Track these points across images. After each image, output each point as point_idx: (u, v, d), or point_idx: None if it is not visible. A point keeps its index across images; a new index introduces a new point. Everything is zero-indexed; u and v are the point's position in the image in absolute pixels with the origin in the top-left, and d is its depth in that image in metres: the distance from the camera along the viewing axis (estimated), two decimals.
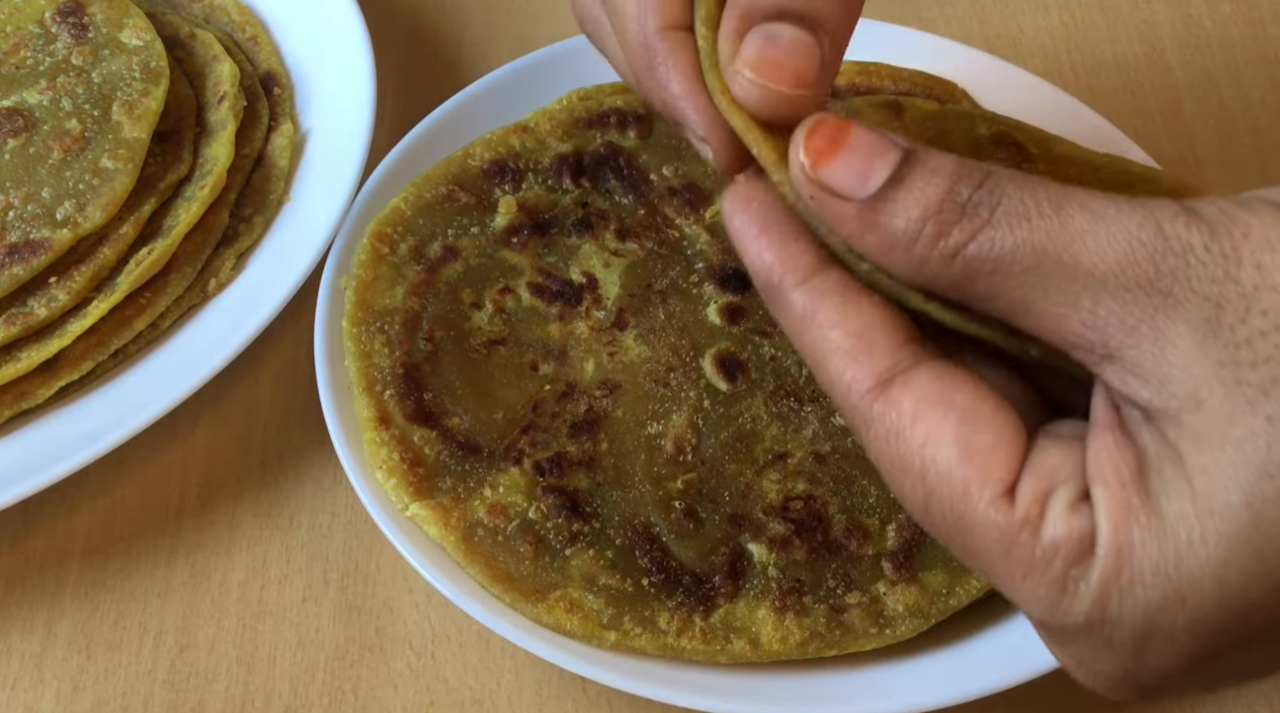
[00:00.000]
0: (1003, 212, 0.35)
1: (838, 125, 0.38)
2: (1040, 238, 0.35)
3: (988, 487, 0.35)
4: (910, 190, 0.36)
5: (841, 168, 0.37)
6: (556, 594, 0.52)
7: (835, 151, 0.38)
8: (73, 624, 0.57)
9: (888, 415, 0.37)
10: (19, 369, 0.58)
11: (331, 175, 0.64)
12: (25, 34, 0.67)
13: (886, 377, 0.37)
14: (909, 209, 0.36)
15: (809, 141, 0.38)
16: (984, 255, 0.35)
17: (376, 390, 0.57)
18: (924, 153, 0.37)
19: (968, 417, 0.36)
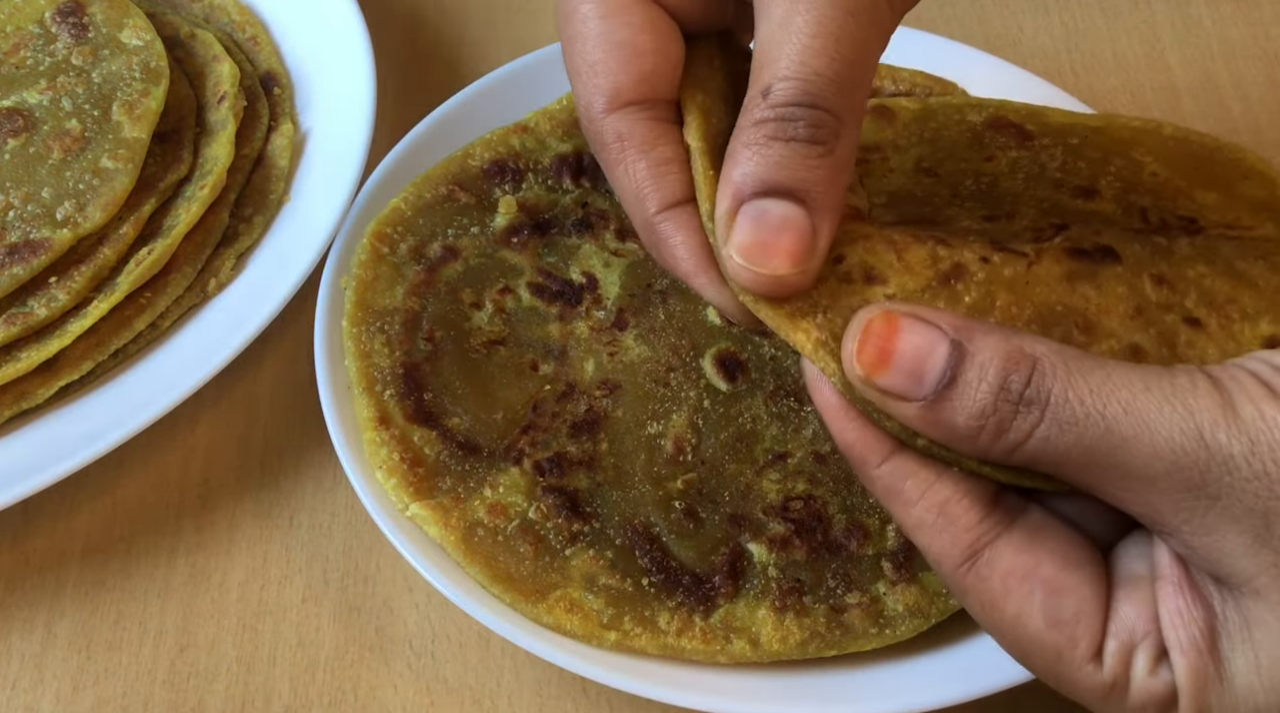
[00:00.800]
0: (1051, 413, 0.39)
1: (884, 330, 0.41)
2: (1090, 442, 0.38)
3: (1076, 652, 0.39)
4: (965, 390, 0.40)
5: (896, 375, 0.40)
6: (556, 594, 0.52)
7: (887, 360, 0.40)
8: (73, 624, 0.57)
9: (979, 589, 0.41)
10: (19, 369, 0.58)
11: (331, 175, 0.64)
12: (25, 34, 0.67)
13: (971, 552, 0.41)
14: (966, 410, 0.40)
15: (860, 354, 0.41)
16: (1040, 452, 0.39)
17: (376, 390, 0.57)
18: (971, 343, 0.40)
19: (1051, 588, 0.40)
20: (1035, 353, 0.39)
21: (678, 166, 0.44)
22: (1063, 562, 0.41)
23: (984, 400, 0.39)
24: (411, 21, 0.79)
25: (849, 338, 0.41)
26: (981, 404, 0.39)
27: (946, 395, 0.40)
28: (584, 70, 0.44)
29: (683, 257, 0.43)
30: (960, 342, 0.40)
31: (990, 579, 0.41)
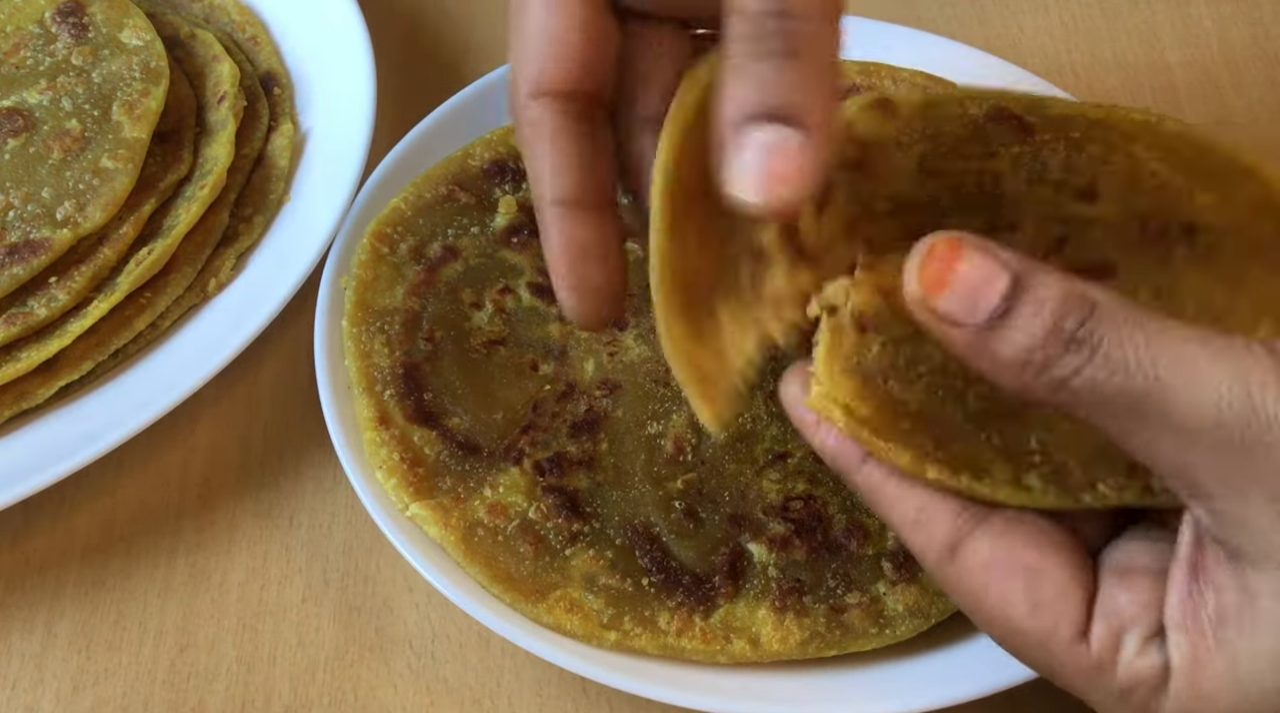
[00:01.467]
0: (1103, 355, 0.39)
1: (947, 253, 0.41)
2: (1138, 386, 0.38)
3: (1059, 633, 0.40)
4: (1019, 320, 0.40)
5: (952, 299, 0.40)
6: (556, 594, 0.52)
7: (947, 280, 0.41)
8: (73, 624, 0.57)
9: (963, 581, 0.42)
10: (19, 369, 0.58)
11: (331, 175, 0.64)
12: (25, 34, 0.67)
13: (952, 544, 0.42)
14: (1018, 340, 0.39)
15: (923, 271, 0.41)
16: (1085, 391, 0.39)
17: (376, 390, 0.57)
18: (1031, 278, 0.40)
19: (1031, 573, 0.41)
20: (1095, 298, 0.39)
21: (577, 163, 0.45)
22: (1041, 547, 0.41)
23: (1035, 335, 0.39)
24: (412, 22, 0.79)
25: (915, 253, 0.41)
26: (1032, 338, 0.39)
27: (999, 324, 0.40)
28: (516, 57, 0.45)
29: (552, 251, 0.45)
30: (1021, 276, 0.40)
31: (973, 570, 0.41)
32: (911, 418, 0.44)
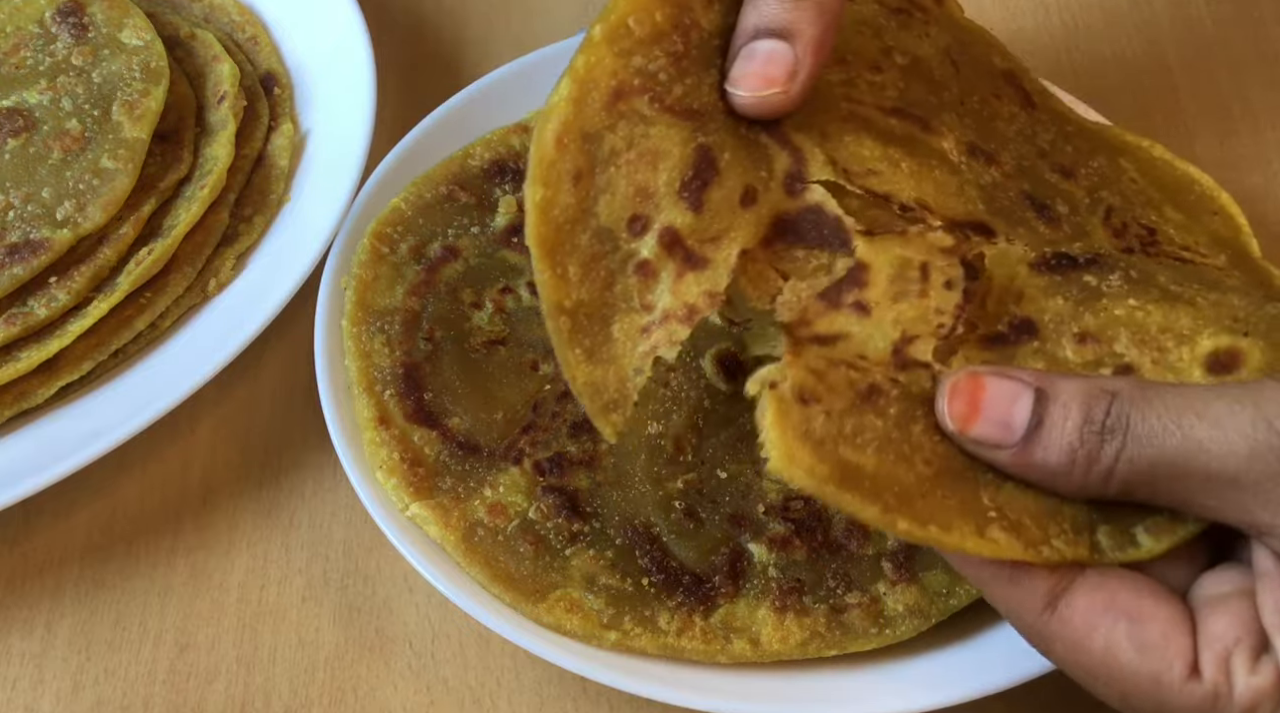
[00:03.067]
0: (1134, 434, 0.42)
1: (970, 386, 0.45)
2: (1173, 450, 0.41)
3: (1173, 672, 0.41)
4: (1051, 430, 0.43)
5: (986, 426, 0.44)
6: (556, 594, 0.52)
7: (976, 412, 0.44)
8: (73, 624, 0.57)
9: (1064, 632, 0.43)
10: (19, 369, 0.58)
11: (331, 175, 0.64)
12: (25, 34, 0.67)
13: (1050, 598, 0.43)
14: (1056, 447, 0.43)
15: (951, 407, 0.45)
16: (1130, 475, 0.42)
17: (376, 390, 0.57)
18: (1052, 388, 0.44)
19: (1134, 617, 0.42)
20: (1113, 388, 0.43)
21: None
22: (1139, 594, 0.43)
23: (1071, 436, 0.43)
24: (411, 21, 0.79)
25: (939, 398, 0.45)
26: (1070, 439, 0.43)
27: (1035, 438, 0.43)
28: None
29: None
30: (1042, 388, 0.44)
31: (1072, 620, 0.43)
32: (869, 479, 0.45)
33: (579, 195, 0.49)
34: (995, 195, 0.52)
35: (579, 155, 0.49)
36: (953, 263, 0.49)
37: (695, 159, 0.49)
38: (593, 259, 0.49)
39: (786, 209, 0.49)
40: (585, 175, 0.49)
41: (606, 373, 0.48)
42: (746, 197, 0.49)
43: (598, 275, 0.49)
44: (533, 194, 0.49)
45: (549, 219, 0.48)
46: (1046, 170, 0.55)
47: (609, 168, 0.49)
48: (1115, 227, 0.55)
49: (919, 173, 0.51)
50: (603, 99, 0.50)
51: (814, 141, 0.50)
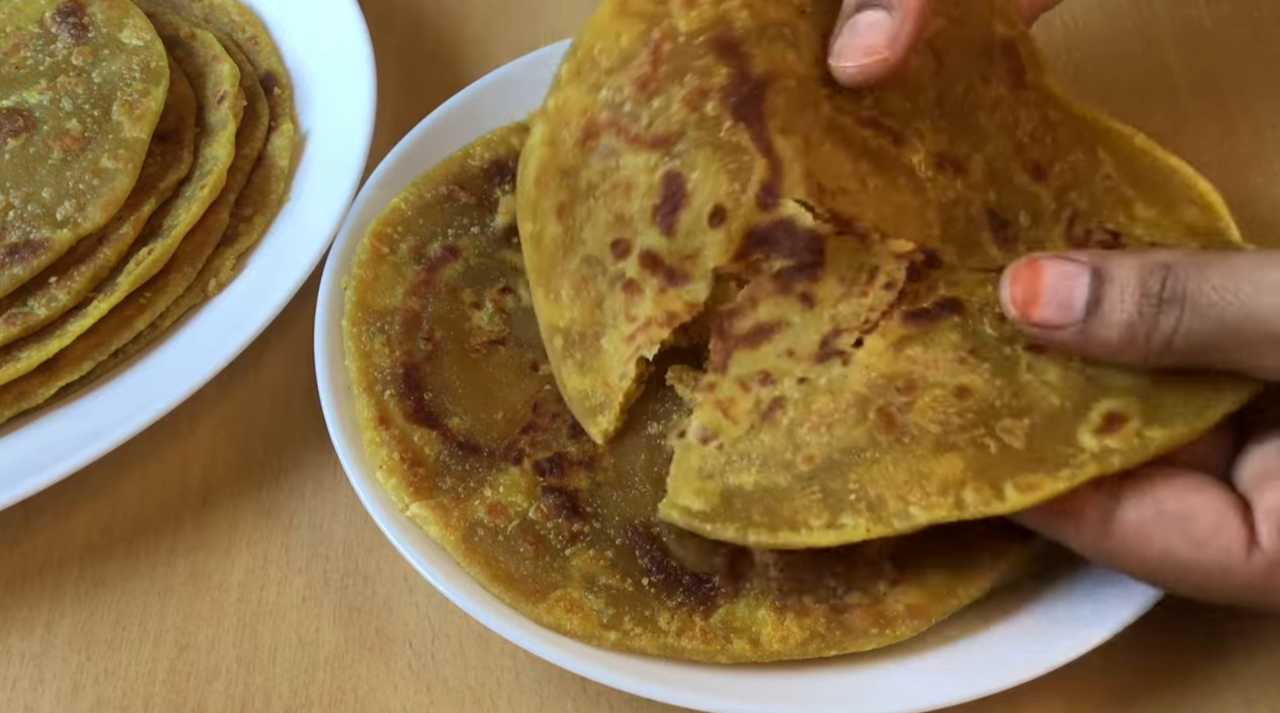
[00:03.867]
0: (1192, 304, 0.44)
1: (1029, 273, 0.47)
2: (1231, 323, 0.44)
3: (1233, 554, 0.44)
4: (1110, 307, 0.45)
5: (1047, 309, 0.46)
6: (556, 594, 0.52)
7: (1036, 295, 0.47)
8: (73, 624, 0.57)
9: (1123, 549, 0.46)
10: (19, 369, 0.58)
11: (331, 175, 0.64)
12: (25, 34, 0.67)
13: (1103, 519, 0.46)
14: (1116, 323, 0.45)
15: (1014, 296, 0.47)
16: (1192, 342, 0.44)
17: (376, 390, 0.57)
18: (1107, 267, 0.46)
19: (1183, 516, 0.45)
20: (1168, 260, 0.45)
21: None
22: (1182, 493, 0.45)
23: (1129, 311, 0.45)
24: (411, 21, 0.79)
25: (1003, 287, 0.48)
26: (1128, 315, 0.45)
27: (1095, 316, 0.46)
28: None
29: None
30: (1098, 267, 0.46)
31: (1127, 536, 0.46)
32: (744, 497, 0.50)
33: (565, 226, 0.54)
34: (955, 215, 0.54)
35: (560, 190, 0.55)
36: (899, 267, 0.52)
37: (663, 186, 0.53)
38: (583, 282, 0.54)
39: (758, 222, 0.52)
40: (567, 208, 0.54)
41: (595, 381, 0.53)
42: (715, 216, 0.52)
43: (588, 296, 0.54)
44: (523, 229, 0.55)
45: (541, 249, 0.55)
46: (1018, 171, 0.56)
47: (588, 199, 0.54)
48: (1077, 237, 0.55)
49: (883, 193, 0.54)
50: (574, 137, 0.55)
51: (795, 151, 0.52)
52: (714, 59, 0.53)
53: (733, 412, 0.52)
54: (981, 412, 0.49)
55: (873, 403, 0.50)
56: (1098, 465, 0.46)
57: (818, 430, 0.50)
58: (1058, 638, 0.50)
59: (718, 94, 0.52)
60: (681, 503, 0.50)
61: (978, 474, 0.48)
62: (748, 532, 0.49)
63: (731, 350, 0.53)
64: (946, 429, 0.49)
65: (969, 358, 0.50)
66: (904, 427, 0.49)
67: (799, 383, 0.51)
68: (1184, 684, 0.53)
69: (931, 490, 0.47)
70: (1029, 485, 0.47)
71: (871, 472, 0.49)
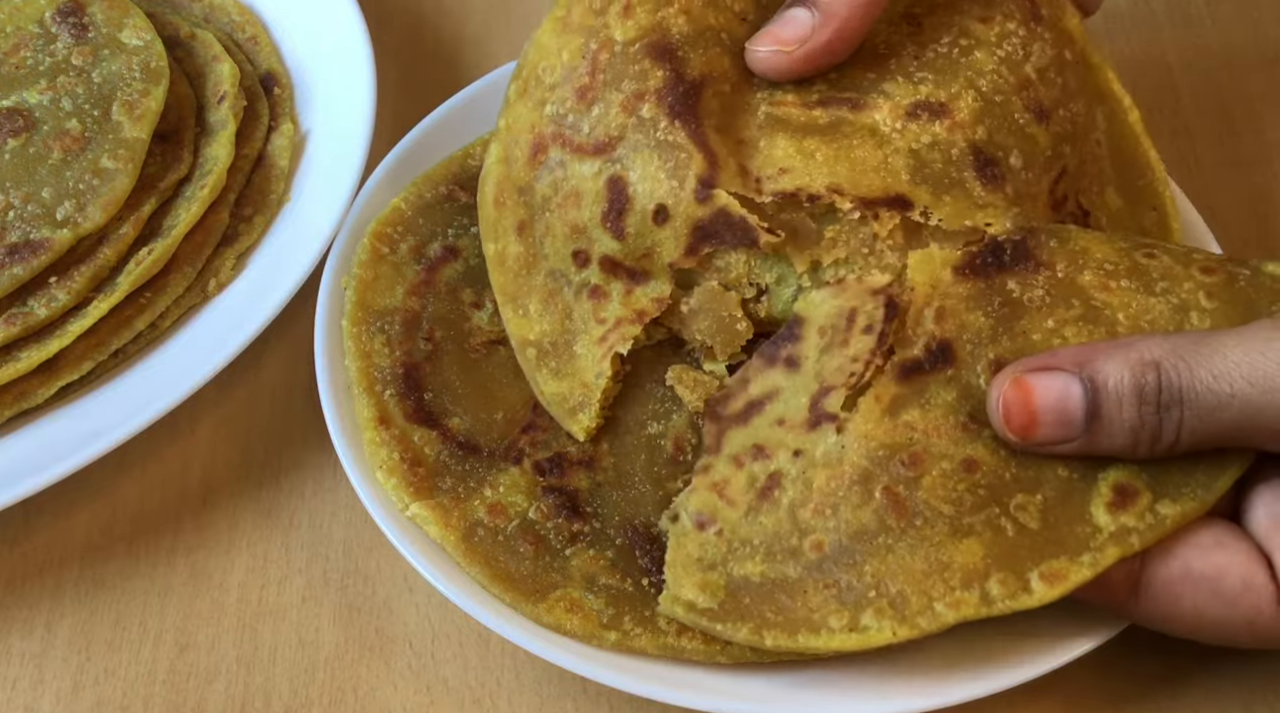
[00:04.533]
0: (1190, 408, 0.45)
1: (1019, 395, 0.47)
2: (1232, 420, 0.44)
3: (1263, 612, 0.45)
4: (1110, 416, 0.46)
5: (1046, 429, 0.47)
6: (556, 594, 0.52)
7: (1033, 419, 0.46)
8: (73, 624, 0.57)
9: (1154, 610, 0.47)
10: (19, 369, 0.58)
11: (331, 175, 0.64)
12: (25, 34, 0.67)
13: (1131, 586, 0.47)
14: (1119, 432, 0.46)
15: (1008, 424, 0.47)
16: (1197, 438, 0.45)
17: (376, 390, 0.57)
18: (1096, 375, 0.46)
19: (1211, 576, 0.46)
20: (1154, 357, 0.45)
21: None
22: (1207, 551, 0.46)
23: (1130, 419, 0.45)
24: (411, 21, 0.79)
25: (993, 415, 0.48)
26: (1130, 423, 0.45)
27: (1096, 427, 0.46)
28: None
29: None
30: (1089, 376, 0.46)
31: (1157, 597, 0.46)
32: (752, 591, 0.48)
33: (525, 243, 0.56)
34: (929, 158, 0.53)
35: (518, 208, 0.56)
36: (877, 305, 0.52)
37: (607, 192, 0.54)
38: (550, 295, 0.55)
39: (700, 216, 0.53)
40: (527, 225, 0.56)
41: (572, 384, 0.54)
42: (658, 215, 0.53)
43: (556, 308, 0.55)
44: (487, 249, 0.56)
45: (505, 268, 0.56)
46: (1020, 109, 0.55)
47: (544, 213, 0.56)
48: (1058, 196, 0.55)
49: (835, 157, 0.53)
50: (525, 154, 0.56)
51: (729, 149, 0.54)
52: (650, 63, 0.54)
53: (728, 493, 0.50)
54: (992, 488, 0.48)
55: (877, 480, 0.48)
56: (1118, 548, 0.46)
57: (822, 514, 0.48)
58: (1057, 639, 0.49)
59: (654, 96, 0.54)
60: (685, 598, 0.49)
61: (1000, 562, 0.46)
62: (763, 634, 0.47)
63: (725, 430, 0.52)
64: (959, 510, 0.47)
65: (970, 424, 0.49)
66: (914, 509, 0.47)
67: (794, 456, 0.50)
68: (1183, 685, 0.53)
69: (955, 584, 0.46)
70: (1054, 575, 0.46)
71: (887, 562, 0.47)
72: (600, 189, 0.54)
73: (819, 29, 0.53)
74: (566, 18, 0.57)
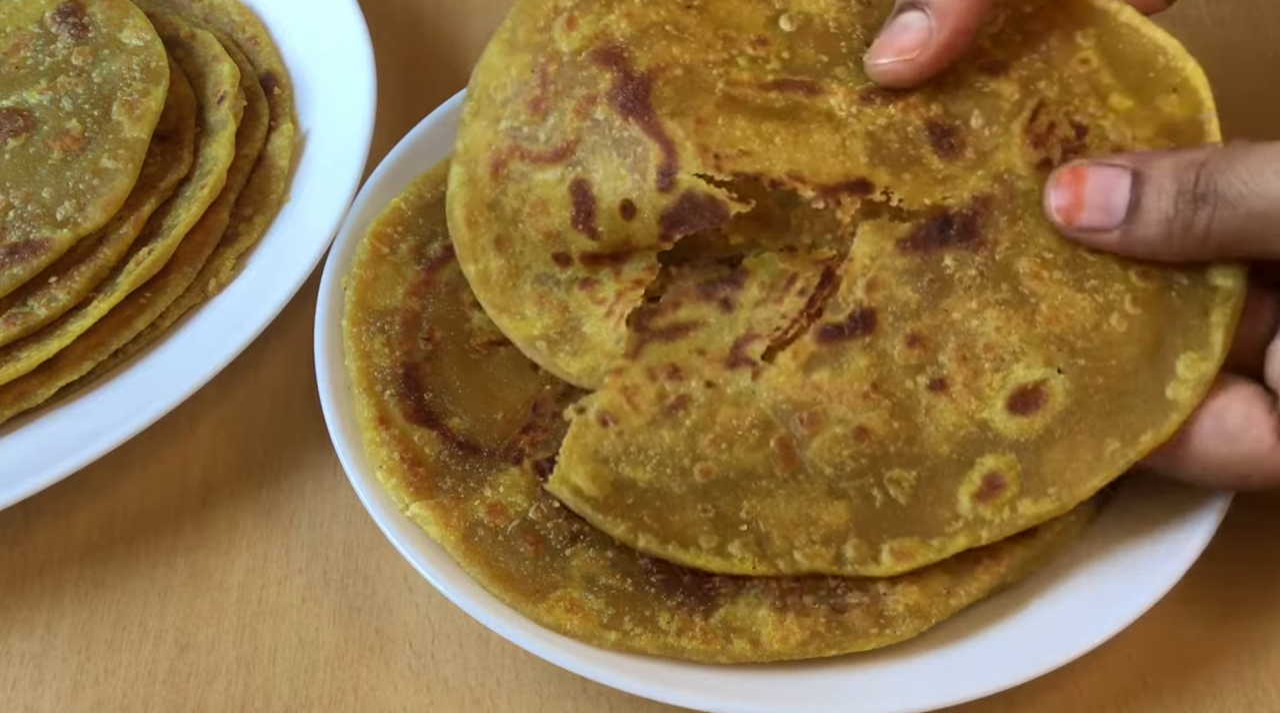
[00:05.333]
0: (1222, 199, 0.47)
1: (1072, 180, 0.50)
2: (1258, 207, 0.46)
3: (1264, 446, 0.47)
4: (1149, 206, 0.48)
5: (1090, 213, 0.50)
6: (556, 594, 0.52)
7: (1079, 202, 0.50)
8: (73, 624, 0.57)
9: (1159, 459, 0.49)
10: (19, 369, 0.58)
11: (331, 175, 0.64)
12: (25, 34, 0.67)
13: None
14: (1154, 220, 0.48)
15: (1056, 202, 0.50)
16: (1226, 233, 0.47)
17: (376, 390, 0.57)
18: (1145, 169, 0.49)
19: (1215, 414, 0.48)
20: (1201, 158, 0.48)
21: None
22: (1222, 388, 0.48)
23: (1166, 209, 0.48)
24: (411, 21, 0.79)
25: (1047, 196, 0.51)
26: (1165, 213, 0.48)
27: (1135, 217, 0.48)
28: None
29: None
30: (1138, 169, 0.49)
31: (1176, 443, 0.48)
32: (637, 494, 0.51)
33: (506, 256, 0.57)
34: (886, 138, 0.55)
35: (491, 224, 0.58)
36: (816, 273, 0.54)
37: (572, 197, 0.55)
38: (542, 297, 0.57)
39: (666, 205, 0.54)
40: (504, 239, 0.57)
41: (596, 356, 0.55)
42: (625, 211, 0.54)
43: (552, 305, 0.57)
44: (468, 271, 0.57)
45: (491, 284, 0.57)
46: (974, 74, 0.56)
47: (518, 224, 0.57)
48: (1038, 132, 0.55)
49: (794, 142, 0.54)
50: (487, 172, 0.58)
51: (686, 131, 0.54)
52: (598, 68, 0.56)
53: (636, 400, 0.53)
54: (874, 458, 0.51)
55: (776, 430, 0.51)
56: (966, 539, 0.49)
57: (718, 446, 0.51)
58: (1057, 638, 0.49)
59: (605, 98, 0.55)
60: (574, 482, 0.51)
61: (860, 528, 0.50)
62: (638, 534, 0.51)
63: (646, 342, 0.54)
64: (839, 473, 0.51)
65: (872, 393, 0.51)
66: (801, 463, 0.51)
67: (706, 387, 0.52)
68: (1183, 686, 0.53)
69: (816, 539, 0.50)
70: (903, 553, 0.49)
71: (764, 504, 0.50)
72: (565, 195, 0.55)
73: (937, 30, 0.53)
74: (513, 38, 0.59)
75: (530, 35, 0.58)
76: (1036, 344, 0.50)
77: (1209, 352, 0.49)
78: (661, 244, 0.54)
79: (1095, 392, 0.50)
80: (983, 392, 0.51)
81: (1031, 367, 0.50)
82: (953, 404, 0.51)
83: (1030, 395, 0.50)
